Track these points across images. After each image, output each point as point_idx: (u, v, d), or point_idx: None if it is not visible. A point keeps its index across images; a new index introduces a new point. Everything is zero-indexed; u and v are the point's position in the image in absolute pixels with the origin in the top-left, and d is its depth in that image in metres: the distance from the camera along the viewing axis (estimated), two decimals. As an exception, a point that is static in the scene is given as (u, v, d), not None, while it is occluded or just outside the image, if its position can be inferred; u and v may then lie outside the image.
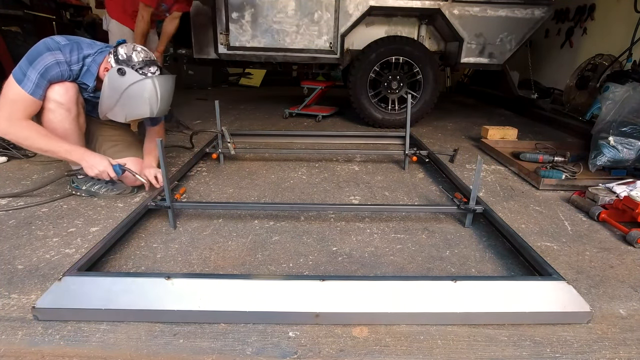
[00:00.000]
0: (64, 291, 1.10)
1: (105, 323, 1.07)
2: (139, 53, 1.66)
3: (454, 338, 1.06)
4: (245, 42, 3.32)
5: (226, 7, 3.21)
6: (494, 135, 3.07)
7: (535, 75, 4.82)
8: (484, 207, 1.66)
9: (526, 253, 1.36)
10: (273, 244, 1.53)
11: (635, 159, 2.17)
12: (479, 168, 1.53)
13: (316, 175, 2.31)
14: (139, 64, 1.64)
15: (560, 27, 4.88)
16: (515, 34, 3.38)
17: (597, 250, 1.55)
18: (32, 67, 1.54)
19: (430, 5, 3.25)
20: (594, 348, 1.04)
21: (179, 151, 2.72)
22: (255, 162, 2.53)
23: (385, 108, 3.56)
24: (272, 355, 0.99)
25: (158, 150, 1.47)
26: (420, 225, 1.72)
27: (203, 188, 2.08)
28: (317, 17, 3.26)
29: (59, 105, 1.63)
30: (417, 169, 2.48)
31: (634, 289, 1.30)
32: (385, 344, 1.03)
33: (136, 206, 1.68)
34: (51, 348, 0.99)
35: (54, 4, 5.70)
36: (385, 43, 3.36)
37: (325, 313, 1.09)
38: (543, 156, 2.41)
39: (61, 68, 1.59)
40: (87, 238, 1.53)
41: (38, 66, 1.54)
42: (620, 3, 3.97)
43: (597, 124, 2.38)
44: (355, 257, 1.45)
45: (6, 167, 2.27)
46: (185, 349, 1.00)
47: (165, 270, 1.34)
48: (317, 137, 2.98)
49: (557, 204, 1.99)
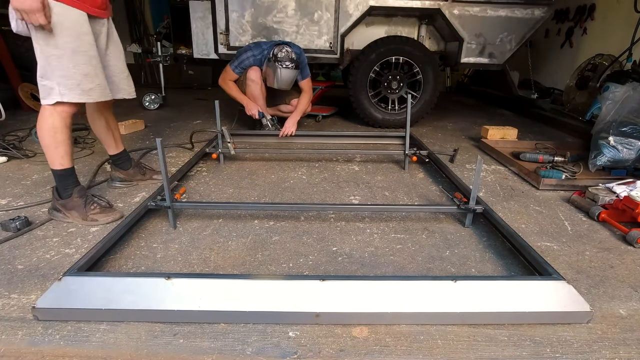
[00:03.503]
0: (64, 291, 1.10)
1: (105, 323, 1.07)
2: (282, 52, 2.78)
3: (454, 338, 1.06)
4: (245, 42, 3.32)
5: (226, 7, 3.21)
6: (494, 135, 3.07)
7: (535, 75, 4.82)
8: (484, 207, 1.66)
9: (526, 253, 1.36)
10: (273, 244, 1.53)
11: (635, 159, 2.17)
12: (479, 168, 1.53)
13: (316, 175, 2.31)
14: (279, 58, 2.77)
15: (560, 27, 4.88)
16: (515, 34, 3.38)
17: (597, 250, 1.55)
18: (237, 60, 2.93)
19: (430, 5, 3.25)
20: (594, 348, 1.04)
21: (179, 151, 2.72)
22: (255, 162, 2.53)
23: (385, 108, 3.55)
24: (272, 355, 0.99)
25: (158, 150, 1.47)
26: (420, 225, 1.72)
27: (203, 188, 2.08)
28: (317, 17, 3.26)
29: (252, 81, 2.94)
30: (417, 169, 2.48)
31: (634, 289, 1.30)
32: (385, 344, 1.03)
33: (136, 206, 1.68)
34: (51, 348, 0.99)
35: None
36: (385, 43, 3.36)
37: (325, 313, 1.09)
38: (543, 156, 2.41)
39: (252, 59, 2.91)
40: (87, 238, 1.53)
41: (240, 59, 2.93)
42: (620, 3, 3.97)
43: (597, 124, 2.38)
44: (355, 257, 1.45)
45: (6, 167, 2.27)
46: (185, 349, 1.00)
47: (165, 270, 1.34)
48: (317, 137, 2.98)
49: (557, 204, 1.99)
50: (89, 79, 1.55)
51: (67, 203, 1.63)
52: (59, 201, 1.64)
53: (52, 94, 1.51)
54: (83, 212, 1.64)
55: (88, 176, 2.14)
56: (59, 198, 1.64)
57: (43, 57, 1.47)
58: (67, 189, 1.64)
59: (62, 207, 1.64)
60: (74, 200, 1.64)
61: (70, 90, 1.52)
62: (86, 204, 1.65)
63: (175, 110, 4.21)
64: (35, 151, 2.52)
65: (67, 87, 1.51)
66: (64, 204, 1.64)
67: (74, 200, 1.64)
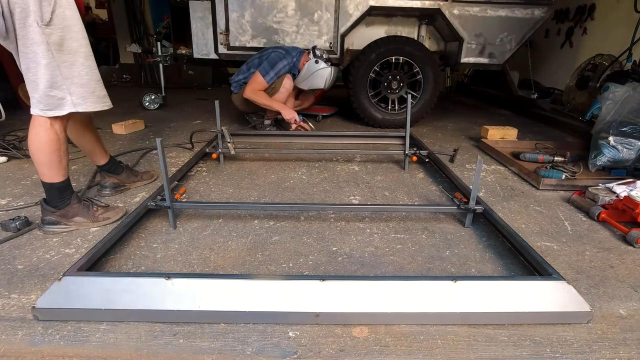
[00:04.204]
0: (63, 291, 1.10)
1: (105, 323, 1.07)
2: (324, 54, 3.03)
3: (454, 338, 1.06)
4: (245, 42, 3.33)
5: (226, 7, 3.21)
6: (494, 135, 3.07)
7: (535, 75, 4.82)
8: (483, 207, 1.66)
9: (526, 253, 1.36)
10: (273, 243, 1.53)
11: (635, 159, 2.17)
12: (478, 168, 1.53)
13: (316, 175, 2.31)
14: (325, 59, 2.99)
15: (560, 27, 4.88)
16: (515, 34, 3.38)
17: (597, 250, 1.55)
18: (273, 70, 2.94)
19: (430, 5, 3.25)
20: (594, 348, 1.04)
21: (179, 151, 2.72)
22: (255, 162, 2.53)
23: (385, 108, 3.55)
24: (272, 355, 0.99)
25: (158, 150, 1.47)
26: (420, 225, 1.72)
27: (203, 188, 2.08)
28: (317, 17, 3.26)
29: (286, 89, 3.02)
30: (417, 169, 2.48)
31: (634, 289, 1.30)
32: (385, 344, 1.03)
33: (136, 206, 1.68)
34: (51, 348, 0.99)
35: (54, 4, 5.69)
36: (385, 43, 3.36)
37: (325, 313, 1.09)
38: (543, 156, 2.41)
39: (287, 67, 2.98)
40: (87, 238, 1.53)
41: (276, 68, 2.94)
42: (620, 3, 3.97)
43: (597, 124, 2.38)
44: (355, 257, 1.45)
45: (6, 167, 2.27)
46: (185, 349, 1.00)
47: (165, 270, 1.34)
48: (317, 137, 2.98)
49: (557, 204, 1.99)
50: (101, 85, 1.48)
51: (68, 212, 1.55)
52: (55, 213, 1.53)
53: (64, 105, 1.40)
54: (90, 215, 1.59)
55: (88, 176, 2.14)
56: (55, 209, 1.53)
57: (52, 65, 1.34)
58: (64, 198, 1.55)
59: (62, 217, 1.55)
60: (74, 207, 1.57)
61: (85, 99, 1.43)
62: (89, 206, 1.61)
63: (175, 110, 4.21)
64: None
65: (81, 96, 1.41)
66: (63, 214, 1.55)
67: (75, 207, 1.57)
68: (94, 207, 1.63)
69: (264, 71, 2.93)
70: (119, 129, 3.11)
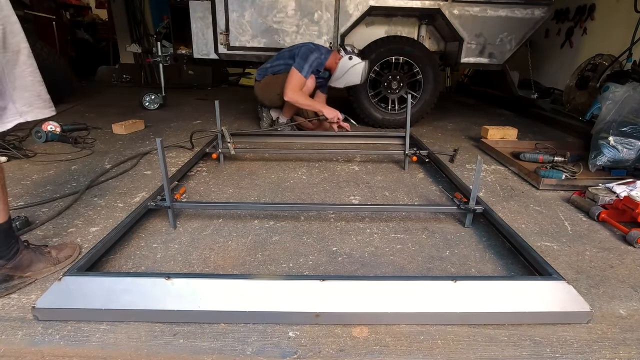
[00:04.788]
0: (63, 291, 1.10)
1: (105, 323, 1.07)
2: (355, 49, 2.98)
3: (454, 338, 1.06)
4: (245, 42, 3.33)
5: (226, 7, 3.22)
6: (494, 135, 3.07)
7: (535, 75, 4.82)
8: (483, 207, 1.66)
9: (526, 253, 1.36)
10: (273, 244, 1.53)
11: (635, 159, 2.17)
12: (478, 168, 1.53)
13: (316, 175, 2.31)
14: (357, 54, 2.95)
15: (560, 27, 4.88)
16: (515, 34, 3.38)
17: (597, 250, 1.55)
18: (306, 62, 2.79)
19: (430, 5, 3.25)
20: (594, 348, 1.04)
21: (179, 151, 2.72)
22: (255, 162, 2.53)
23: (385, 108, 3.55)
24: (272, 355, 0.99)
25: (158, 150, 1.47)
26: (420, 225, 1.72)
27: (203, 188, 2.08)
28: (317, 17, 3.26)
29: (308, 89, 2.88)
30: (417, 169, 2.48)
31: (634, 289, 1.30)
32: (385, 344, 1.03)
33: (136, 206, 1.68)
34: (51, 348, 0.99)
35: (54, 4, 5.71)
36: (385, 43, 3.36)
37: (325, 313, 1.09)
38: (543, 156, 2.41)
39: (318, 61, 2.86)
40: (87, 238, 1.53)
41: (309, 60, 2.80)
42: (620, 3, 3.97)
43: (597, 124, 2.38)
44: (355, 257, 1.45)
45: (6, 167, 2.27)
46: (185, 349, 1.00)
47: (165, 270, 1.34)
48: (317, 137, 2.98)
49: (557, 204, 1.99)
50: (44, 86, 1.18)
51: (21, 262, 1.22)
52: (6, 266, 1.19)
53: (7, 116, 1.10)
54: (48, 258, 1.28)
55: (89, 176, 2.14)
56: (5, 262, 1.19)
57: None
58: (11, 245, 1.20)
59: (15, 269, 1.21)
60: (24, 255, 1.22)
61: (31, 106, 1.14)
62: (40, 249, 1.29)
63: (175, 110, 4.21)
64: (35, 151, 2.52)
65: (27, 103, 1.13)
66: (16, 266, 1.21)
67: (25, 255, 1.23)
68: (46, 249, 1.31)
69: (299, 66, 2.81)
70: (119, 129, 3.11)
